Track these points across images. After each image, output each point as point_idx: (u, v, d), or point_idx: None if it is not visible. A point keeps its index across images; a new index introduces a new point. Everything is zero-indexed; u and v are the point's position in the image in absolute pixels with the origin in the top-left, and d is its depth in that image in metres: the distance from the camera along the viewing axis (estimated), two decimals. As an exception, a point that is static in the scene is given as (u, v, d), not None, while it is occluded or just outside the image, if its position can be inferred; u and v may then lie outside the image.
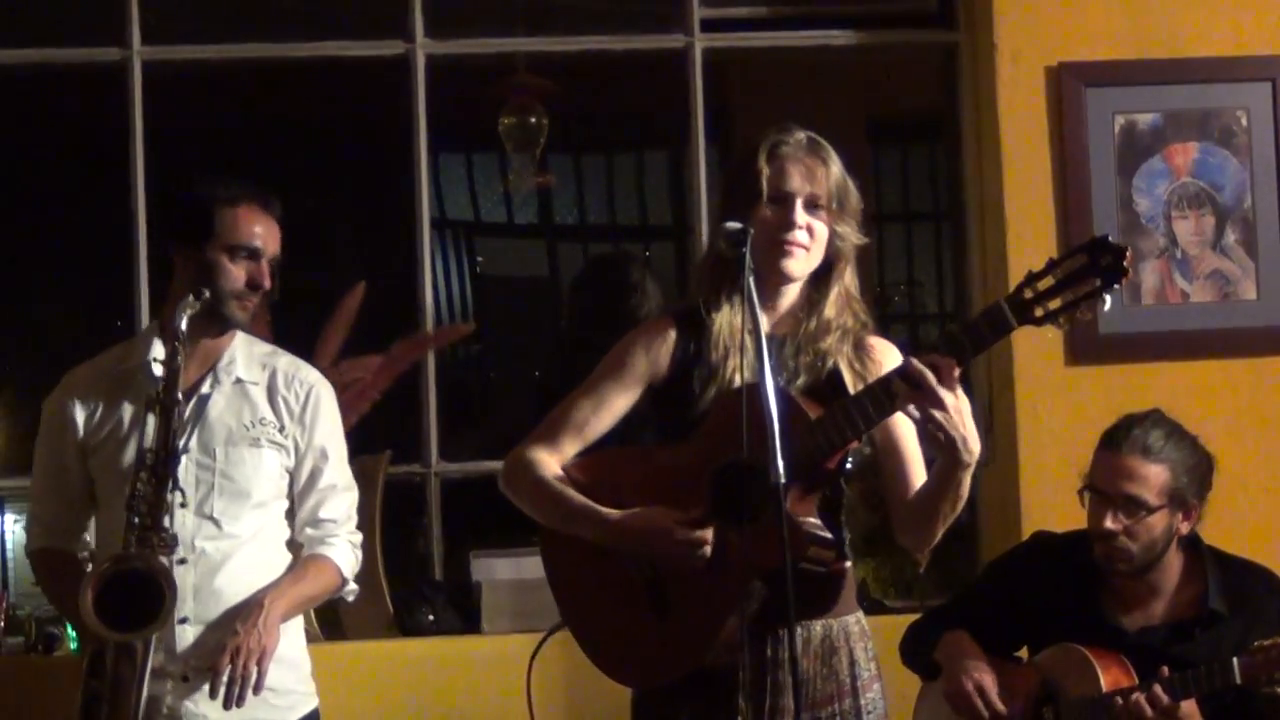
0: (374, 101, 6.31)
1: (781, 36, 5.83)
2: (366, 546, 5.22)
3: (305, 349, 5.20)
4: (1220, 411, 5.26)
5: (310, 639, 5.06)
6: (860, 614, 3.40)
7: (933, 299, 8.11)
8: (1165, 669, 3.73)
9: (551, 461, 3.38)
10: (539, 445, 3.39)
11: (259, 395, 3.85)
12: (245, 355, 3.87)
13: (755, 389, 3.08)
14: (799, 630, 3.26)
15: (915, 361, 3.09)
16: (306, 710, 3.95)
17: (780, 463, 2.95)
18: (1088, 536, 3.98)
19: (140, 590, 3.59)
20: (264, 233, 3.79)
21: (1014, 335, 5.12)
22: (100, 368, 3.92)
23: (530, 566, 3.64)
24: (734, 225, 3.23)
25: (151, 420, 3.70)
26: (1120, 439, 3.87)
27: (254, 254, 3.78)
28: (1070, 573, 3.99)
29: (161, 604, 3.58)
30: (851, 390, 3.25)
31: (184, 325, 3.67)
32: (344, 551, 3.92)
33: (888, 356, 3.39)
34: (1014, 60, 5.38)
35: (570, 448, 3.38)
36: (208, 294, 3.72)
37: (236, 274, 3.76)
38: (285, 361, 3.93)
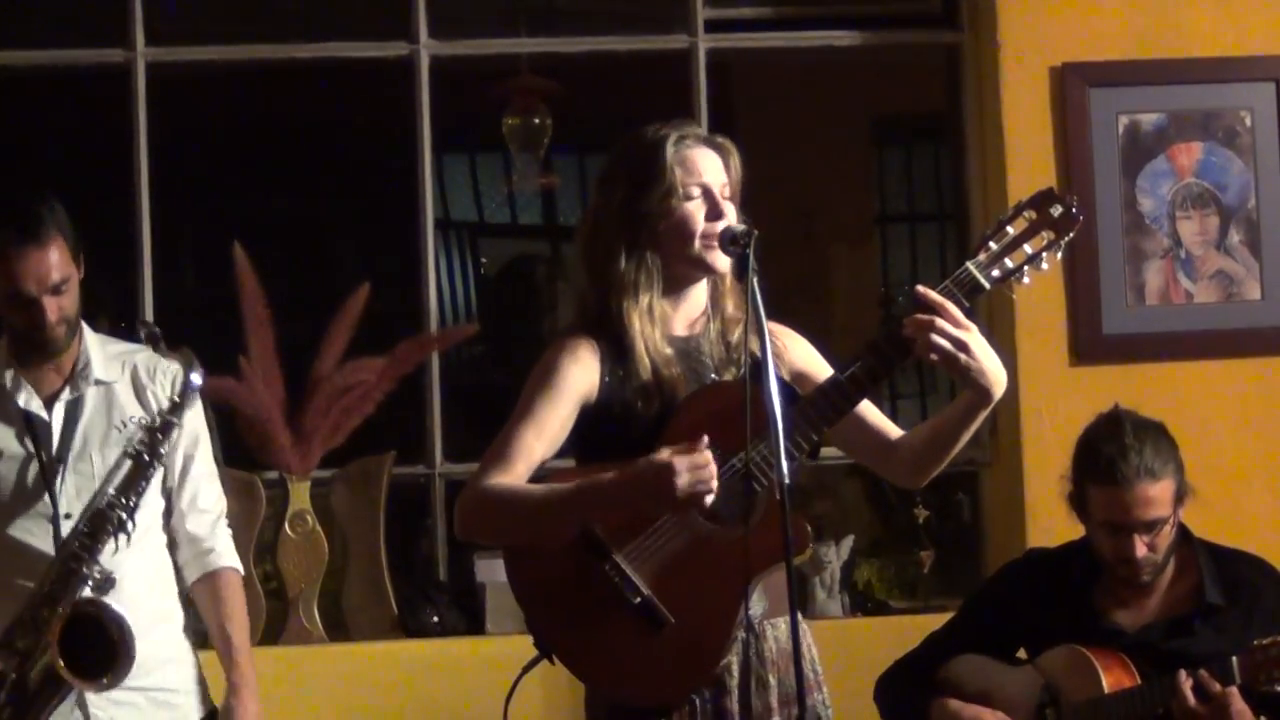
0: (378, 102, 6.32)
1: (786, 37, 5.83)
2: (371, 548, 5.27)
3: (309, 350, 5.22)
4: (1224, 412, 5.27)
5: (313, 640, 5.10)
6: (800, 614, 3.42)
7: (936, 299, 8.08)
8: (1183, 672, 3.71)
9: (509, 480, 3.22)
10: (489, 478, 3.22)
11: (124, 393, 3.81)
12: (100, 356, 3.81)
13: (721, 388, 3.12)
14: (769, 628, 3.25)
15: (915, 316, 3.07)
16: (206, 710, 3.90)
17: (784, 464, 2.94)
18: (1080, 547, 3.98)
19: (89, 633, 3.59)
20: (29, 272, 3.64)
21: (1017, 336, 5.25)
22: None
23: (534, 567, 3.62)
24: (739, 226, 3.22)
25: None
26: (1123, 472, 3.78)
27: (25, 298, 3.67)
28: (1064, 580, 3.98)
29: (113, 653, 3.59)
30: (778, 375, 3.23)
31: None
32: (228, 546, 3.91)
33: (790, 338, 3.39)
34: (1018, 60, 5.38)
35: (521, 473, 3.22)
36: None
37: (18, 318, 3.71)
38: (144, 356, 3.88)
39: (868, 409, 3.36)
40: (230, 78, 6.16)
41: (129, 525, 3.67)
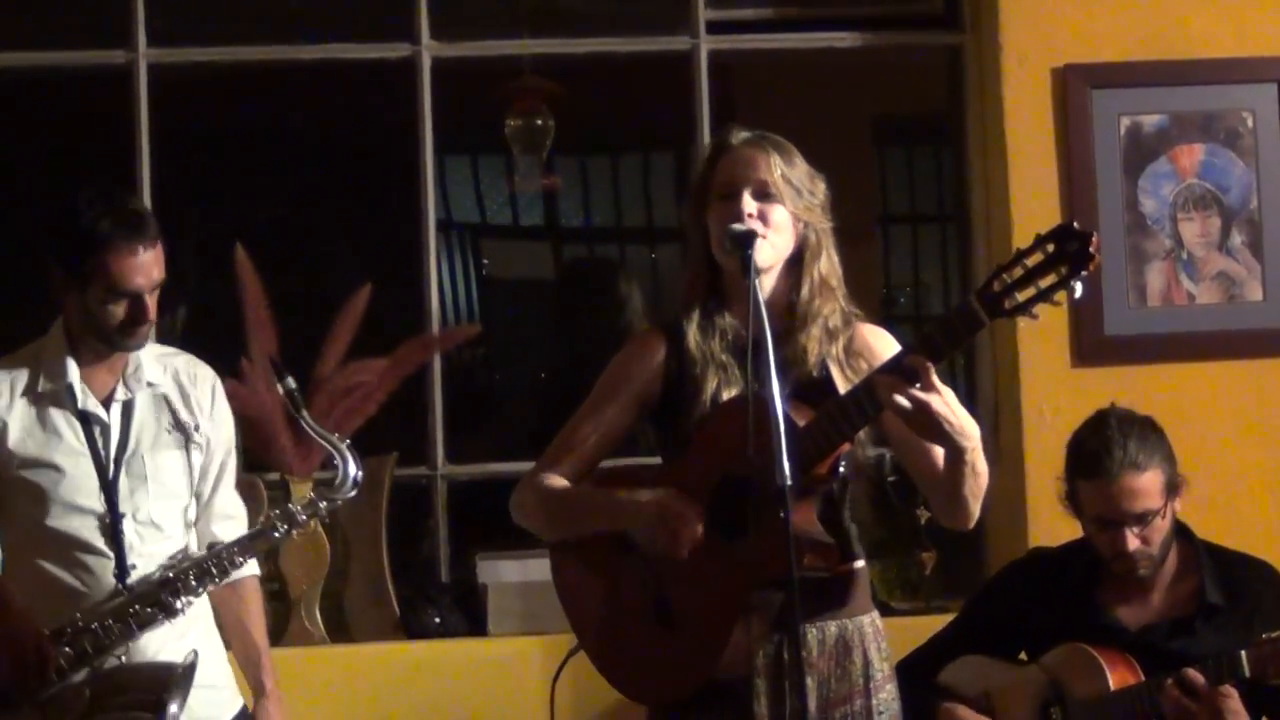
0: (380, 104, 6.31)
1: (787, 38, 5.83)
2: (372, 549, 5.27)
3: (310, 352, 5.22)
4: (1225, 413, 5.27)
5: (315, 641, 5.10)
6: (875, 614, 3.40)
7: (938, 301, 8.09)
8: (1188, 670, 3.71)
9: (557, 479, 3.38)
10: (543, 469, 3.41)
11: (173, 396, 3.88)
12: (149, 358, 3.89)
13: (744, 398, 3.10)
14: (814, 631, 3.26)
15: (885, 377, 3.07)
16: (238, 708, 3.97)
17: (786, 465, 2.95)
18: (1083, 545, 3.99)
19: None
20: (143, 268, 3.73)
21: (1020, 337, 5.25)
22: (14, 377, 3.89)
23: (537, 569, 3.65)
24: (738, 228, 3.22)
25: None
26: (1107, 465, 3.83)
27: (134, 294, 3.74)
28: (1066, 579, 3.99)
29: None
30: (841, 391, 3.24)
31: None
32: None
33: (879, 344, 3.39)
34: (1019, 62, 5.38)
35: (574, 469, 3.39)
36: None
37: (118, 313, 3.75)
38: (183, 361, 3.97)
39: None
40: (232, 79, 6.14)
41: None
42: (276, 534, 3.81)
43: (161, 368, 3.90)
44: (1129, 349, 5.30)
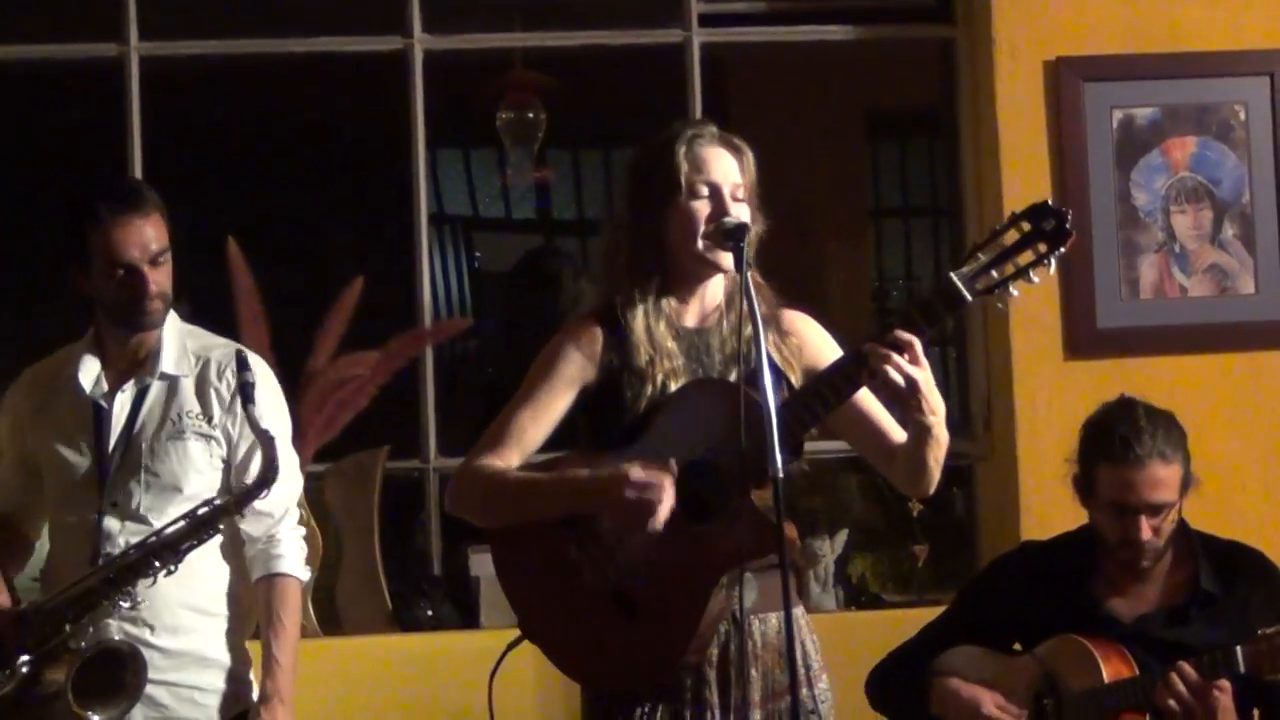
0: (372, 97, 6.31)
1: (779, 31, 5.83)
2: (365, 542, 5.26)
3: (303, 345, 5.22)
4: (1218, 406, 5.27)
5: (308, 634, 5.09)
6: (803, 607, 3.42)
7: (931, 294, 8.10)
8: (1183, 664, 3.71)
9: (500, 465, 3.32)
10: (482, 456, 3.34)
11: (186, 387, 3.79)
12: (175, 348, 3.81)
13: (712, 384, 3.15)
14: (757, 623, 3.27)
15: (878, 347, 3.08)
16: (234, 713, 3.87)
17: (779, 458, 2.95)
18: (1076, 538, 3.98)
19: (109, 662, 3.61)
20: (137, 239, 3.68)
21: (1011, 330, 5.25)
22: (44, 375, 3.91)
23: (528, 562, 3.64)
24: (733, 221, 3.23)
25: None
26: (1137, 452, 3.78)
27: (130, 266, 3.69)
28: (1060, 570, 3.98)
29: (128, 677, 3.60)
30: (785, 373, 3.28)
31: None
32: (292, 551, 3.84)
33: (806, 328, 3.42)
34: (1012, 55, 5.38)
35: (513, 456, 3.32)
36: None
37: (121, 289, 3.71)
38: (221, 352, 3.84)
39: (877, 411, 3.38)
40: (224, 72, 6.14)
41: (175, 569, 3.66)
42: (211, 526, 3.64)
43: (193, 358, 3.82)
44: (1121, 342, 5.30)
